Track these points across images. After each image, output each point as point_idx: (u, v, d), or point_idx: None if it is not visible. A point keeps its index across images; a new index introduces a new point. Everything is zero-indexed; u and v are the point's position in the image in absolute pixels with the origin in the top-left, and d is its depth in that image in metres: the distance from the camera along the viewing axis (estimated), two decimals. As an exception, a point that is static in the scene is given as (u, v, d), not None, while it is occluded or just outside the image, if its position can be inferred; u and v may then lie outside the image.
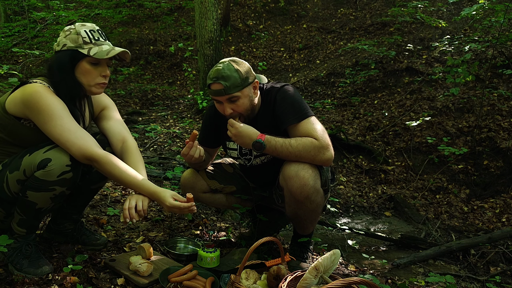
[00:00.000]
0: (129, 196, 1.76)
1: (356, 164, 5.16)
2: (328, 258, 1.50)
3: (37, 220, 1.80)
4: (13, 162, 1.69)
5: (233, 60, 1.95)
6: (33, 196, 1.67)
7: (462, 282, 2.66)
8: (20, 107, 1.66)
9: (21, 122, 1.70)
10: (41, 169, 1.62)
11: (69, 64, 1.72)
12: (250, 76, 1.95)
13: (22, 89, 1.68)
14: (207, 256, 1.99)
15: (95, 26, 1.78)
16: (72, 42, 1.72)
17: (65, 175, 1.65)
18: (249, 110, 1.98)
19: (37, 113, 1.64)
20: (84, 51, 1.71)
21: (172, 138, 5.38)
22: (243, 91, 1.92)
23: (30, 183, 1.65)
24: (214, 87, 1.92)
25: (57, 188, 1.66)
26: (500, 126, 4.97)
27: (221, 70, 1.89)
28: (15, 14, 11.36)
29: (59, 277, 1.77)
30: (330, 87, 7.09)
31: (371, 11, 9.09)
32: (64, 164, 1.64)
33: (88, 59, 1.72)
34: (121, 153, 1.92)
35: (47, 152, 1.64)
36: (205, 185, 2.22)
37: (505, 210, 4.10)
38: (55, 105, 1.66)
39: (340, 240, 3.33)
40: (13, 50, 7.08)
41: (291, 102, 1.95)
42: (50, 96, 1.66)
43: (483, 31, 6.32)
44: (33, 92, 1.64)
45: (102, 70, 1.77)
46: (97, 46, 1.73)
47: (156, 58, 9.24)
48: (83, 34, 1.72)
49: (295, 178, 1.86)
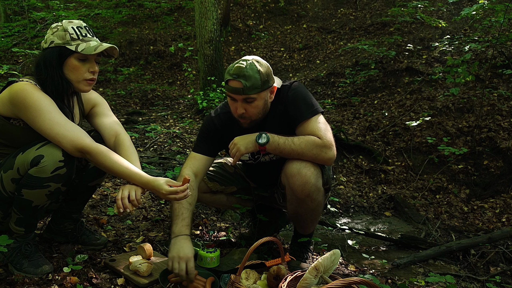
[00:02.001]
0: (122, 187, 1.72)
1: (356, 164, 5.16)
2: (328, 258, 1.50)
3: (34, 218, 1.79)
4: (6, 162, 1.70)
5: (257, 61, 1.89)
6: (28, 194, 1.66)
7: (462, 282, 2.66)
8: (8, 106, 1.67)
9: (11, 122, 1.70)
10: (34, 166, 1.62)
11: (57, 61, 1.72)
12: (270, 79, 1.91)
13: (9, 89, 1.68)
14: (207, 256, 1.99)
15: (83, 23, 1.79)
16: (59, 38, 1.72)
17: (59, 171, 1.65)
18: (260, 114, 1.95)
19: (25, 109, 1.64)
20: (71, 47, 1.70)
21: (172, 138, 5.37)
22: (260, 94, 1.88)
23: (25, 181, 1.65)
24: (233, 84, 1.86)
25: (52, 185, 1.66)
26: (500, 126, 4.97)
27: (244, 69, 1.83)
28: (15, 14, 11.35)
29: (59, 277, 1.77)
30: (330, 87, 7.09)
31: (371, 11, 9.09)
32: (57, 160, 1.64)
33: (76, 55, 1.72)
34: (114, 147, 1.90)
35: (40, 149, 1.64)
36: (205, 186, 2.22)
37: (505, 210, 4.10)
38: (42, 100, 1.66)
39: (340, 240, 3.32)
40: (13, 50, 7.08)
41: (303, 98, 1.96)
42: (37, 92, 1.67)
43: (483, 31, 6.31)
44: (20, 89, 1.65)
45: (90, 66, 1.76)
46: (84, 42, 1.72)
47: (156, 58, 9.24)
48: (71, 30, 1.72)
49: (297, 175, 1.86)
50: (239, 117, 1.94)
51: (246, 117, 1.93)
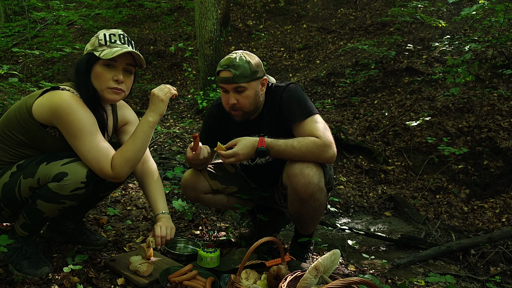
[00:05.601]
0: (159, 223, 1.86)
1: (356, 164, 5.16)
2: (328, 258, 1.50)
3: (40, 226, 1.80)
4: (28, 166, 1.66)
5: (246, 53, 1.98)
6: (42, 206, 1.66)
7: (462, 282, 2.66)
8: (48, 116, 1.62)
9: (47, 130, 1.67)
10: (56, 182, 1.60)
11: (85, 68, 1.70)
12: (259, 71, 1.97)
13: (50, 96, 1.63)
14: (207, 256, 1.99)
15: (119, 31, 1.74)
16: (90, 45, 1.71)
17: (77, 191, 1.64)
18: (252, 105, 1.98)
19: (67, 125, 1.60)
20: (97, 53, 1.68)
21: (172, 138, 5.38)
22: (250, 83, 1.93)
23: (42, 192, 1.64)
24: (223, 74, 1.93)
25: (67, 202, 1.66)
26: (500, 126, 4.96)
27: (233, 59, 1.92)
28: (15, 14, 11.35)
29: (59, 277, 1.77)
30: (330, 87, 7.09)
31: (371, 11, 9.09)
32: (79, 181, 1.62)
33: (101, 61, 1.69)
34: (141, 175, 1.95)
35: (65, 166, 1.62)
36: (207, 185, 2.22)
37: (505, 210, 4.10)
38: (86, 119, 1.62)
39: (340, 240, 3.33)
40: (13, 50, 7.07)
41: (297, 100, 1.96)
42: (81, 108, 1.62)
43: (483, 31, 6.31)
44: (63, 102, 1.59)
45: (115, 74, 1.71)
46: (109, 48, 1.68)
47: (156, 58, 9.24)
48: (101, 37, 1.70)
49: (300, 176, 1.86)
50: (231, 108, 1.97)
51: (238, 108, 1.96)
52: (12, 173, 1.68)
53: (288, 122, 1.96)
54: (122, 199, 3.00)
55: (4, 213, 1.78)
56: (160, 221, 1.88)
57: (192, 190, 2.21)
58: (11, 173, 1.68)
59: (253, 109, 1.99)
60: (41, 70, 8.76)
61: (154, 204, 1.94)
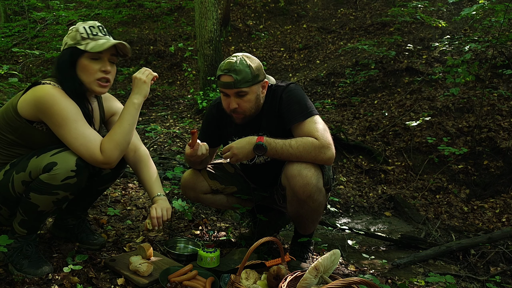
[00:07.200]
0: (155, 205, 1.85)
1: (356, 164, 5.16)
2: (328, 258, 1.50)
3: (38, 222, 1.80)
4: (20, 162, 1.69)
5: (247, 56, 1.96)
6: (36, 199, 1.66)
7: (462, 282, 2.66)
8: (33, 110, 1.64)
9: (34, 125, 1.69)
10: (46, 172, 1.62)
11: (69, 62, 1.71)
12: (260, 74, 1.96)
13: (33, 91, 1.66)
14: (207, 256, 1.99)
15: (96, 23, 1.77)
16: (71, 39, 1.72)
17: (69, 180, 1.64)
18: (253, 109, 1.98)
19: (51, 116, 1.62)
20: (81, 46, 1.69)
21: (172, 138, 5.38)
22: (252, 87, 1.92)
23: (34, 185, 1.65)
24: (224, 79, 1.92)
25: (60, 193, 1.66)
26: (500, 126, 4.97)
27: (234, 64, 1.90)
28: (15, 14, 11.35)
29: (59, 277, 1.77)
30: (330, 87, 7.09)
31: (371, 11, 9.09)
32: (69, 169, 1.63)
33: (87, 54, 1.71)
34: (134, 162, 1.95)
35: (54, 156, 1.63)
36: (206, 185, 2.22)
37: (505, 210, 4.10)
38: (69, 108, 1.64)
39: (340, 240, 3.32)
40: (13, 50, 7.09)
41: (297, 100, 1.96)
42: (63, 98, 1.65)
43: (483, 31, 6.31)
44: (46, 94, 1.62)
45: (102, 65, 1.74)
46: (94, 41, 1.70)
47: (156, 58, 9.24)
48: (81, 30, 1.71)
49: (298, 177, 1.86)
50: (232, 112, 1.97)
51: (239, 112, 1.96)
52: (6, 171, 1.71)
53: (287, 122, 1.96)
54: (122, 199, 3.00)
55: (3, 212, 1.80)
56: (156, 203, 1.89)
57: (191, 190, 2.21)
58: (5, 171, 1.71)
59: (254, 112, 1.99)
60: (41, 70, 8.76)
61: (150, 188, 1.96)
